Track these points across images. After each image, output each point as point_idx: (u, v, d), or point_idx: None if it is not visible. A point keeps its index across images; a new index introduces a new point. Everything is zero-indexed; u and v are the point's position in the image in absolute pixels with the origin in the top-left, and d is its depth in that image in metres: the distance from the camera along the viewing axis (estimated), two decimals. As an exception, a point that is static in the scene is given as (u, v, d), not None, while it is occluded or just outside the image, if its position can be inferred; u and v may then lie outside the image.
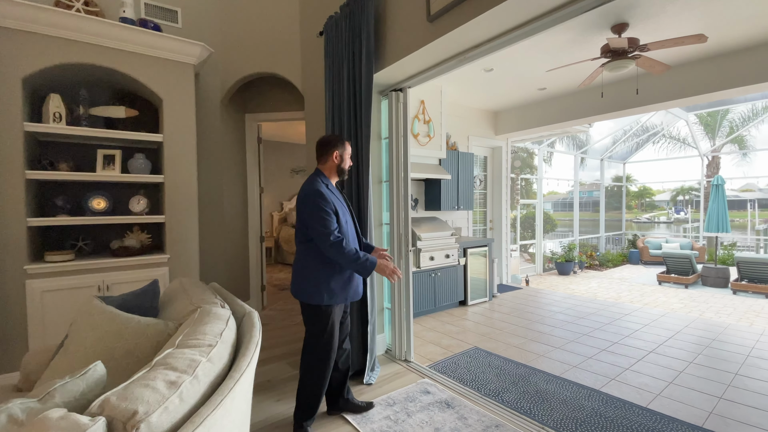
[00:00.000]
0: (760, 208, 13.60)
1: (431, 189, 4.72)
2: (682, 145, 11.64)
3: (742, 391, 2.56)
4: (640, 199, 17.41)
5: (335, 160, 2.09)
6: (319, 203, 1.90)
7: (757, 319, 4.94)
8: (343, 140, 2.13)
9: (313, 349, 2.01)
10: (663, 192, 18.48)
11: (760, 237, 11.81)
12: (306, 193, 1.95)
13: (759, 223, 12.81)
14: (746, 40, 3.43)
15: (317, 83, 3.37)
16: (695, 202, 15.19)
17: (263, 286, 4.41)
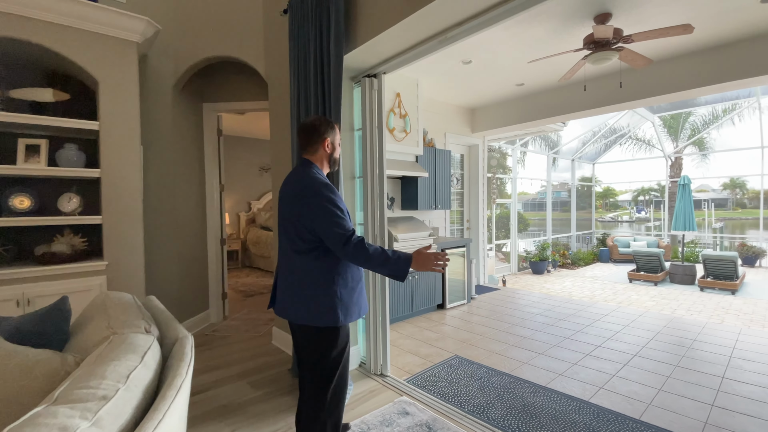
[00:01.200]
0: (715, 208, 14.35)
1: (408, 187, 4.46)
2: (648, 147, 12.03)
3: (732, 396, 2.45)
4: (605, 199, 18.00)
5: (327, 149, 1.70)
6: (332, 198, 1.52)
7: (727, 316, 5.01)
8: (332, 123, 1.73)
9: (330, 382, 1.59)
10: (625, 192, 19.18)
11: (717, 235, 12.38)
12: (310, 188, 1.54)
13: (715, 221, 13.49)
14: (728, 34, 3.38)
15: (282, 68, 3.04)
16: (655, 202, 15.85)
17: (224, 293, 4.01)
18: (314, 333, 1.57)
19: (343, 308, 1.56)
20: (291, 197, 1.59)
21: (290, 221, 1.58)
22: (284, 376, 2.69)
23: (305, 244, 1.55)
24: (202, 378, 2.68)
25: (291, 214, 1.58)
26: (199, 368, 2.83)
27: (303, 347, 1.64)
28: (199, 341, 3.39)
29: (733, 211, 17.45)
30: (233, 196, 7.41)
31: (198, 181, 3.78)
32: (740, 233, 12.96)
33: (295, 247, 1.58)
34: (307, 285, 1.55)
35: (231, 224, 7.41)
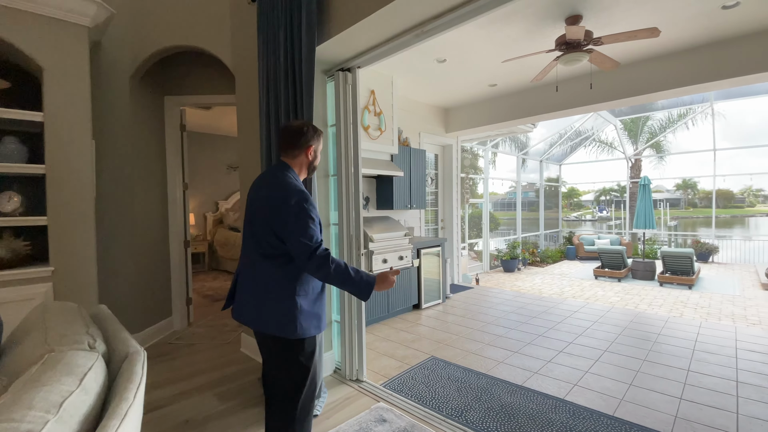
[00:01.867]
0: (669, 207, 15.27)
1: (383, 186, 4.39)
2: (610, 149, 12.58)
3: (698, 389, 2.53)
4: (569, 198, 18.77)
5: (309, 156, 1.67)
6: (306, 207, 1.47)
7: (686, 309, 5.26)
8: (318, 132, 1.70)
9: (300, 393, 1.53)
10: (588, 193, 20.07)
11: (671, 232, 13.13)
12: (285, 193, 1.49)
13: (670, 220, 14.34)
14: (692, 40, 3.52)
15: (250, 60, 2.87)
16: (615, 201, 16.66)
17: (189, 298, 3.78)
18: (279, 342, 1.51)
19: (304, 319, 1.50)
20: (264, 199, 1.54)
21: (261, 224, 1.53)
22: (254, 385, 2.54)
23: (272, 249, 1.50)
24: (163, 391, 2.48)
25: (262, 216, 1.52)
26: (159, 381, 2.63)
27: (268, 356, 1.60)
28: (161, 351, 3.16)
29: (686, 210, 18.61)
30: (199, 196, 7.07)
31: (159, 179, 3.53)
32: (692, 231, 13.77)
33: (262, 250, 1.52)
34: (270, 292, 1.50)
35: (197, 225, 7.06)
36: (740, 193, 21.63)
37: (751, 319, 4.58)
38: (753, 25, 3.22)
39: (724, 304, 5.40)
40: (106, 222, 3.07)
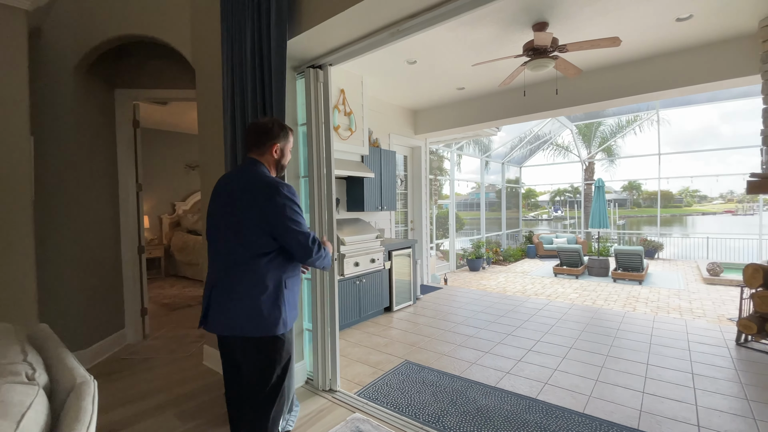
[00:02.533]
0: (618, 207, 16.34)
1: (353, 188, 4.30)
2: (566, 152, 13.24)
3: (659, 383, 2.66)
4: (527, 199, 19.59)
5: (275, 154, 1.66)
6: (294, 199, 1.53)
7: (638, 304, 5.58)
8: (286, 130, 1.70)
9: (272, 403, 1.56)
10: (544, 193, 21.06)
11: (620, 231, 14.01)
12: (269, 187, 1.50)
13: (618, 219, 15.33)
14: (648, 50, 3.72)
15: (213, 53, 2.69)
16: (569, 202, 17.60)
17: (144, 308, 3.50)
18: (260, 345, 1.52)
19: (288, 315, 1.56)
20: (241, 195, 1.52)
21: (249, 225, 1.48)
22: (219, 402, 2.37)
23: (260, 248, 1.49)
24: (116, 413, 2.26)
25: (243, 214, 1.49)
26: (112, 401, 2.38)
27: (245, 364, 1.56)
28: (113, 367, 2.89)
29: (631, 209, 19.98)
30: (154, 197, 6.62)
31: (109, 179, 3.23)
32: (637, 229, 14.76)
33: (253, 252, 1.49)
34: (258, 291, 1.48)
35: (151, 228, 6.61)
36: (679, 193, 23.58)
37: (696, 312, 4.94)
38: (702, 38, 3.47)
39: (671, 298, 5.80)
40: (48, 228, 2.76)
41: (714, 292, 6.14)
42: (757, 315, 3.15)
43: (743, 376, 2.70)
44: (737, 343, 3.30)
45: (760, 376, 2.69)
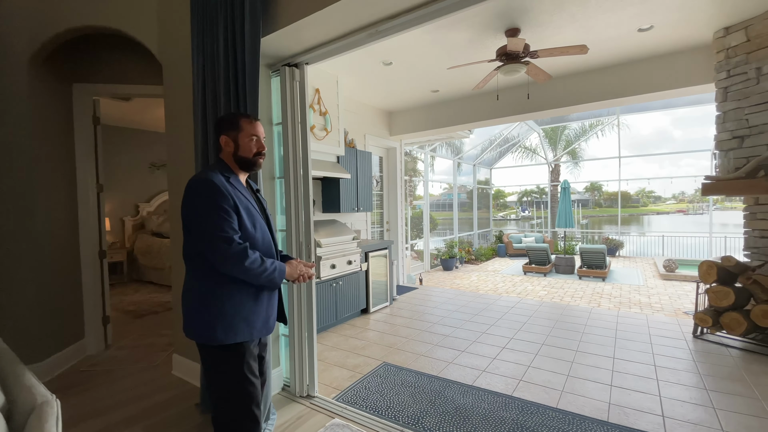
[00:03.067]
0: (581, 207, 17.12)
1: (329, 189, 4.25)
2: (533, 155, 13.72)
3: (625, 375, 2.79)
4: (496, 200, 20.18)
5: (226, 147, 1.54)
6: (209, 195, 1.37)
7: (602, 300, 5.85)
8: (236, 119, 1.54)
9: (226, 412, 1.43)
10: (512, 194, 21.74)
11: (584, 230, 14.66)
12: (189, 187, 1.41)
13: (582, 219, 16.06)
14: (612, 58, 3.90)
15: (182, 47, 2.57)
16: (536, 202, 18.27)
17: (106, 316, 3.29)
18: (202, 351, 1.45)
19: (225, 324, 1.39)
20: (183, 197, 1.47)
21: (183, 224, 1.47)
22: (190, 413, 2.26)
23: (191, 249, 1.45)
24: (77, 431, 2.10)
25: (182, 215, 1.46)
26: (72, 417, 2.22)
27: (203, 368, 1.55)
28: (72, 381, 2.69)
29: (593, 209, 20.98)
30: (116, 198, 6.26)
31: (67, 179, 3.02)
32: (598, 228, 15.48)
33: (186, 252, 1.47)
34: (192, 295, 1.44)
35: (113, 231, 6.25)
36: (636, 194, 25.04)
37: (655, 306, 5.23)
38: (662, 48, 3.68)
39: (632, 294, 6.11)
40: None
41: (670, 288, 6.53)
42: (711, 309, 3.37)
43: (701, 367, 2.88)
44: (694, 336, 3.52)
45: (716, 367, 2.88)
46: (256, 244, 1.46)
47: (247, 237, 1.43)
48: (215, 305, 1.39)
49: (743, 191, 3.10)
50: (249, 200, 1.51)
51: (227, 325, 1.39)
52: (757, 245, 3.28)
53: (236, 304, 1.41)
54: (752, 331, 3.08)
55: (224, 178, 1.45)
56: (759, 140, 3.11)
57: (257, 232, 1.49)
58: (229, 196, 1.39)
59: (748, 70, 3.17)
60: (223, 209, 1.36)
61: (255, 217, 1.49)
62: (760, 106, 3.09)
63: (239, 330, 1.41)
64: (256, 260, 1.38)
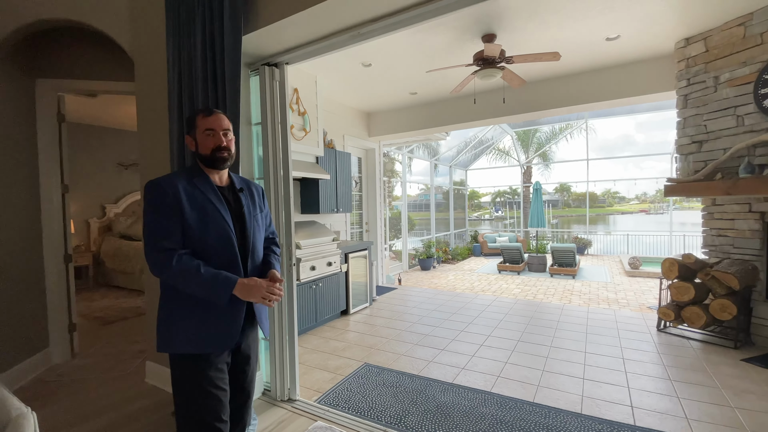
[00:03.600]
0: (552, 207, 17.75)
1: (308, 190, 4.21)
2: (506, 156, 14.09)
3: (596, 369, 2.92)
4: (471, 200, 20.62)
5: (190, 147, 1.48)
6: (147, 198, 1.33)
7: (573, 297, 6.07)
8: (193, 116, 1.46)
9: (185, 423, 1.36)
10: (486, 195, 22.28)
11: (554, 230, 15.18)
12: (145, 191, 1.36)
13: (552, 218, 16.64)
14: (583, 64, 4.07)
15: (156, 43, 2.49)
16: (508, 203, 18.79)
17: (72, 324, 3.13)
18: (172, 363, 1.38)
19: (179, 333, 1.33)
20: None
21: None
22: (167, 422, 2.19)
23: None
24: (41, 445, 1.99)
25: None
26: None
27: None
28: (37, 392, 2.54)
29: (563, 209, 21.76)
30: (80, 199, 5.95)
31: (29, 179, 2.85)
32: (567, 228, 16.07)
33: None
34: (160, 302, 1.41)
35: (78, 233, 5.94)
36: (602, 195, 26.21)
37: (622, 302, 5.49)
38: (628, 57, 3.87)
39: (600, 291, 6.38)
40: (-52, 235, 2.37)
41: (635, 284, 6.86)
42: (674, 303, 3.57)
43: (665, 359, 3.05)
44: (658, 329, 3.72)
45: (679, 358, 3.06)
46: (203, 248, 1.34)
47: (191, 239, 1.32)
48: (170, 313, 1.35)
49: (702, 193, 3.31)
50: (211, 199, 1.38)
51: (181, 335, 1.33)
52: (715, 243, 3.52)
53: (187, 313, 1.33)
54: (711, 324, 3.29)
55: (187, 178, 1.38)
56: (716, 145, 3.33)
57: (210, 233, 1.35)
58: (171, 194, 1.31)
59: (706, 79, 3.39)
60: (157, 210, 1.30)
61: (210, 217, 1.36)
62: (717, 113, 3.32)
63: (191, 340, 1.32)
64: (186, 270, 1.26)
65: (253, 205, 1.54)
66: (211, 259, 1.34)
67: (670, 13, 3.04)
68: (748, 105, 3.09)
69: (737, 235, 3.31)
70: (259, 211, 1.56)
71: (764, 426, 2.10)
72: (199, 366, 1.33)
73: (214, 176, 1.47)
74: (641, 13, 3.01)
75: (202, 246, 1.34)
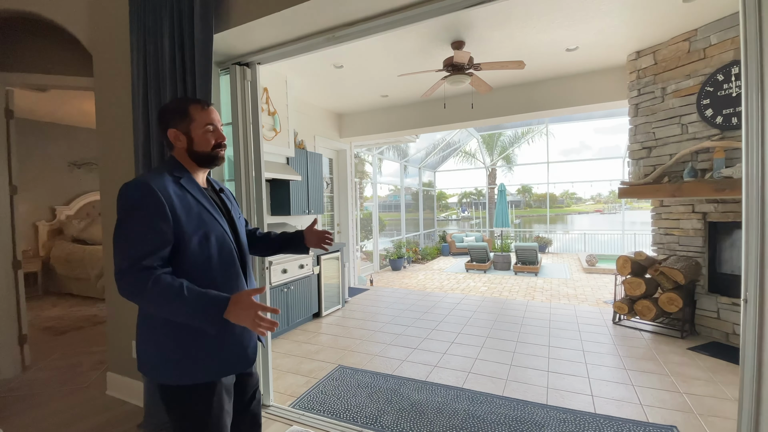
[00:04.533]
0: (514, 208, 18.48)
1: (279, 191, 4.14)
2: (472, 159, 14.50)
3: (559, 361, 3.09)
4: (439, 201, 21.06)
5: (178, 143, 1.24)
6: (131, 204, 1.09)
7: (536, 293, 6.36)
8: (184, 107, 1.24)
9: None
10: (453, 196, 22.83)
11: (517, 229, 15.78)
12: (121, 191, 1.11)
13: (515, 218, 17.31)
14: (545, 73, 4.28)
15: (118, 36, 2.37)
16: (474, 203, 19.37)
17: (23, 335, 2.90)
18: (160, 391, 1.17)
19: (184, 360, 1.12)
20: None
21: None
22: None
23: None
24: (-10, 467, 1.85)
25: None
26: (-17, 453, 1.95)
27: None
28: (-21, 411, 2.35)
29: (524, 210, 22.68)
30: (28, 200, 5.51)
31: (-30, 180, 2.63)
32: (529, 227, 16.76)
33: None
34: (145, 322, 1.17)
35: (25, 237, 5.50)
36: (560, 196, 27.56)
37: (581, 297, 5.81)
38: (586, 67, 4.12)
39: (561, 287, 6.73)
40: None
41: (592, 280, 7.28)
42: (627, 298, 3.84)
43: (620, 350, 3.28)
44: (614, 322, 3.98)
45: (632, 349, 3.29)
46: (209, 262, 1.17)
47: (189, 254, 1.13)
48: (169, 336, 1.12)
49: (651, 195, 3.58)
50: (205, 204, 1.21)
51: (187, 362, 1.12)
52: (662, 241, 3.81)
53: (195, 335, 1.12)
54: (660, 316, 3.57)
55: (173, 179, 1.18)
56: (664, 151, 3.62)
57: (211, 245, 1.17)
58: (164, 201, 1.09)
59: (655, 90, 3.67)
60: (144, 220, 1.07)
61: (210, 227, 1.19)
62: (664, 122, 3.60)
63: (202, 367, 1.13)
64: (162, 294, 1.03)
65: (234, 208, 1.41)
66: (216, 278, 1.17)
67: (623, 27, 3.27)
68: (692, 114, 3.39)
69: (682, 234, 3.61)
70: (239, 215, 1.44)
71: (711, 409, 2.31)
72: (216, 392, 1.15)
73: (200, 176, 1.30)
74: (597, 27, 3.22)
75: (203, 262, 1.15)
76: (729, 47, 3.11)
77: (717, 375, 2.72)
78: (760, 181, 1.20)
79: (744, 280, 1.25)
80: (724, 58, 3.15)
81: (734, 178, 2.91)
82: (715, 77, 3.21)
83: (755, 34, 1.17)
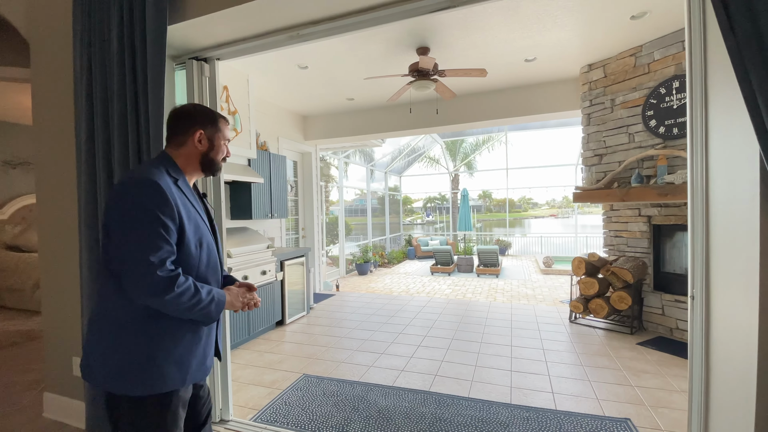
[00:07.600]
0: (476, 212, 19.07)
1: (239, 194, 3.97)
2: (436, 164, 14.80)
3: (521, 360, 3.17)
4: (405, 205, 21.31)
5: (197, 145, 1.24)
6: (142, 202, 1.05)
7: (497, 294, 6.54)
8: (215, 116, 1.29)
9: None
10: (418, 200, 23.19)
11: (478, 233, 16.25)
12: (122, 185, 1.08)
13: (476, 222, 17.84)
14: (506, 82, 4.44)
15: (57, 25, 2.18)
16: (438, 208, 19.79)
17: (-62, 355, 2.57)
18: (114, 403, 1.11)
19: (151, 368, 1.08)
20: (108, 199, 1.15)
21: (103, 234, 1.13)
22: (72, 460, 1.90)
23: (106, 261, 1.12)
24: None
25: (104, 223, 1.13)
26: None
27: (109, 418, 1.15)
28: None
29: (485, 214, 23.44)
30: (-53, 203, 4.94)
31: None
32: (489, 231, 17.30)
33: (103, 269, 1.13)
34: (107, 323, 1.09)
35: (-58, 245, 4.90)
36: (518, 201, 28.79)
37: (539, 298, 6.05)
38: (543, 77, 4.31)
39: (520, 288, 6.97)
40: None
41: (549, 281, 7.61)
42: (582, 297, 4.03)
43: (577, 347, 3.43)
44: (570, 321, 4.17)
45: (588, 345, 3.46)
46: (199, 267, 1.18)
47: (187, 258, 1.13)
48: (141, 342, 1.08)
49: (602, 199, 3.80)
50: (198, 210, 1.21)
51: (154, 370, 1.08)
52: (613, 243, 4.05)
53: (170, 342, 1.11)
54: (612, 314, 3.78)
55: (171, 180, 1.15)
56: (613, 158, 3.85)
57: (203, 251, 1.19)
58: (174, 205, 1.09)
59: (605, 101, 3.91)
60: (156, 220, 1.05)
61: (203, 233, 1.20)
62: (614, 131, 3.84)
63: (169, 376, 1.10)
64: (186, 291, 1.07)
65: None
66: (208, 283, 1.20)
67: (576, 41, 3.46)
68: (638, 125, 3.63)
69: (630, 236, 3.85)
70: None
71: (660, 400, 2.46)
72: (173, 404, 1.12)
73: (192, 180, 1.30)
74: (553, 39, 3.38)
75: (196, 266, 1.16)
76: (670, 63, 3.38)
77: (664, 368, 2.91)
78: (704, 187, 1.28)
79: (690, 278, 1.33)
80: (666, 72, 3.41)
81: (676, 184, 3.14)
82: (658, 90, 3.47)
83: (699, 49, 1.26)
